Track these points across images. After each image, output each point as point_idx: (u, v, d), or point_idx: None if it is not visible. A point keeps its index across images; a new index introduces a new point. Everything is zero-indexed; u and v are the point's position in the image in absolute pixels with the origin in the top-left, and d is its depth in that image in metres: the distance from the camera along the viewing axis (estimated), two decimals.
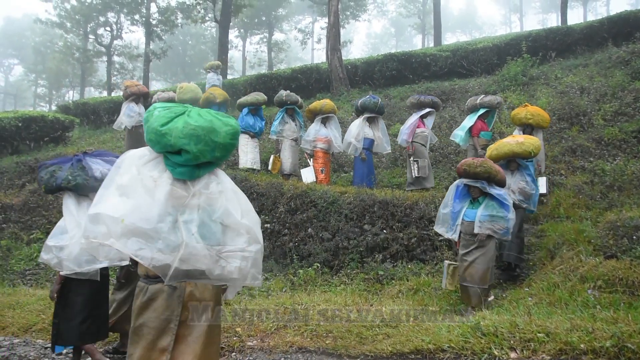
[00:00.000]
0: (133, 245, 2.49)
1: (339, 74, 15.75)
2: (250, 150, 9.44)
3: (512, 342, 3.73)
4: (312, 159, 8.98)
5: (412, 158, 8.44)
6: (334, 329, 4.66)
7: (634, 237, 5.78)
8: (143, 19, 28.40)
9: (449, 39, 59.75)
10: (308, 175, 8.77)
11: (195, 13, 27.02)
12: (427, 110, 8.76)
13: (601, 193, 7.79)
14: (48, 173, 4.05)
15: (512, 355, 3.61)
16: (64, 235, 3.87)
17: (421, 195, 7.74)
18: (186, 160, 2.60)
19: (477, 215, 5.49)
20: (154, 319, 2.63)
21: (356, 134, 8.60)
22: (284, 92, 9.44)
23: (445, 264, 5.82)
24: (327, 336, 4.55)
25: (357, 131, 8.62)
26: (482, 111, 8.36)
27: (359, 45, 73.61)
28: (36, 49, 46.63)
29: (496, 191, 5.46)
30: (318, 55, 51.31)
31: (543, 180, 7.51)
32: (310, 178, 8.70)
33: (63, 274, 3.89)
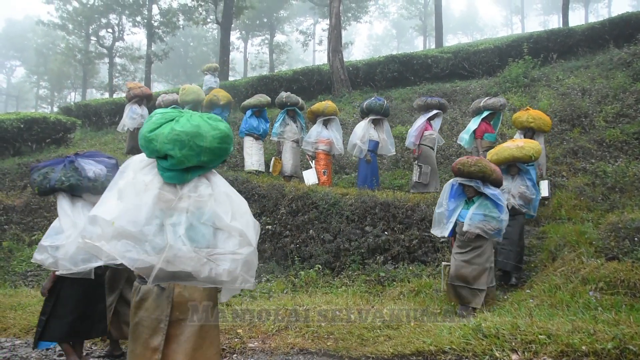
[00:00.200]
0: (121, 247, 2.54)
1: (341, 76, 15.75)
2: (255, 152, 9.46)
3: (514, 344, 3.73)
4: (314, 161, 8.99)
5: (417, 162, 8.45)
6: (335, 331, 4.66)
7: (636, 239, 5.78)
8: (145, 21, 28.44)
9: (450, 41, 59.74)
10: (310, 177, 8.77)
11: (196, 15, 27.07)
12: (435, 112, 8.78)
13: (603, 195, 7.79)
14: (41, 175, 4.03)
15: (514, 357, 3.61)
16: (60, 235, 3.87)
17: (422, 197, 7.73)
18: (172, 164, 2.64)
19: (469, 213, 5.39)
20: (146, 319, 2.69)
21: (361, 136, 8.61)
22: (284, 94, 9.45)
23: (442, 266, 5.76)
24: (329, 338, 4.55)
25: (363, 133, 8.63)
26: (486, 113, 8.38)
27: (361, 46, 73.87)
28: (38, 51, 46.68)
29: (490, 191, 5.36)
30: (319, 56, 51.50)
31: (545, 183, 7.49)
32: (312, 180, 8.70)
33: (59, 274, 3.88)
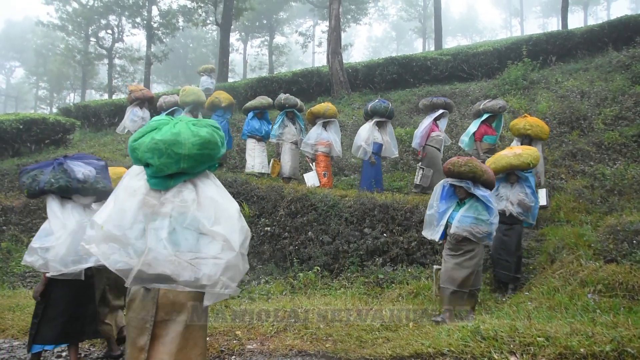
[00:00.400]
0: (108, 249, 2.67)
1: (340, 78, 15.77)
2: (257, 154, 9.45)
3: (512, 346, 3.73)
4: (315, 163, 8.99)
5: (420, 164, 8.47)
6: (334, 333, 4.66)
7: (634, 241, 5.79)
8: (144, 22, 28.41)
9: (450, 43, 59.84)
10: (311, 179, 8.78)
11: (196, 16, 27.09)
12: (440, 111, 8.81)
13: (601, 197, 7.80)
14: (30, 177, 4.01)
15: (512, 359, 3.61)
16: (50, 237, 3.86)
17: (421, 199, 7.74)
18: (153, 172, 2.75)
19: (458, 215, 5.24)
20: (133, 319, 2.78)
21: (366, 138, 8.63)
22: (283, 96, 9.47)
23: (434, 269, 5.61)
24: (327, 339, 4.55)
25: (368, 135, 8.65)
26: (486, 116, 8.41)
27: (360, 48, 73.93)
28: (37, 52, 46.64)
29: (481, 192, 5.20)
30: (319, 58, 51.49)
31: (543, 192, 7.43)
32: (314, 182, 8.71)
33: (49, 275, 3.88)
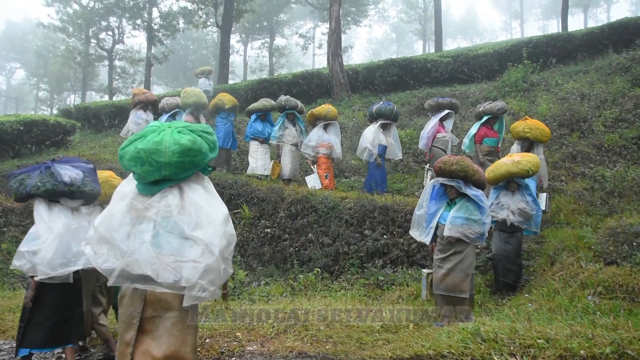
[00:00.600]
0: (98, 250, 2.81)
1: (340, 80, 15.79)
2: (260, 156, 9.47)
3: (512, 348, 3.73)
4: (316, 165, 9.00)
5: (428, 166, 8.49)
6: (334, 334, 4.66)
7: (634, 244, 5.78)
8: (145, 24, 28.43)
9: (450, 45, 59.92)
10: (313, 182, 8.78)
11: (196, 18, 27.12)
12: (446, 112, 8.82)
13: (601, 199, 7.81)
14: (17, 182, 4.02)
15: None
16: (37, 240, 3.87)
17: None
18: (137, 178, 2.90)
19: (449, 216, 5.14)
20: (123, 314, 2.90)
21: (372, 140, 8.65)
22: (283, 97, 9.48)
23: (423, 274, 5.52)
24: (327, 341, 4.55)
25: (373, 137, 8.67)
26: (485, 118, 8.41)
27: (360, 50, 74.01)
28: (38, 53, 46.69)
29: (472, 192, 5.11)
30: (319, 60, 51.58)
31: (543, 196, 7.38)
32: (315, 185, 8.71)
33: (37, 280, 3.88)
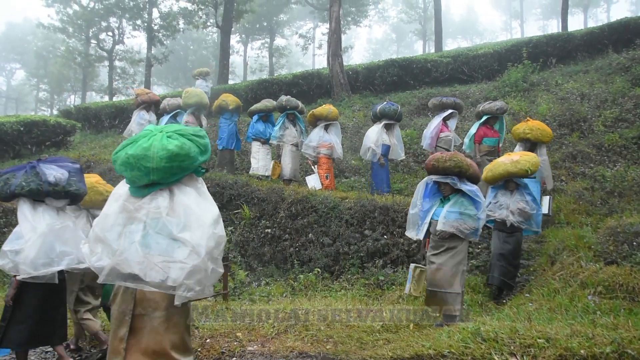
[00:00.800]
0: (95, 249, 2.92)
1: (340, 80, 15.80)
2: (261, 157, 9.49)
3: (513, 348, 3.73)
4: (317, 165, 9.01)
5: None
6: (335, 334, 4.67)
7: (634, 243, 5.79)
8: (145, 24, 28.45)
9: (450, 45, 59.90)
10: (313, 182, 8.78)
11: (196, 18, 27.13)
12: (450, 111, 8.81)
13: (601, 199, 7.81)
14: (2, 181, 4.04)
15: None
16: (20, 240, 3.88)
17: None
18: (127, 182, 3.02)
19: (443, 211, 5.06)
20: (115, 311, 2.98)
21: (375, 140, 8.65)
22: (284, 97, 9.48)
23: (411, 267, 5.43)
24: (328, 341, 4.56)
25: (377, 137, 8.67)
26: (485, 118, 8.41)
27: (360, 50, 73.98)
28: (38, 54, 46.70)
29: (467, 187, 5.03)
30: (319, 60, 51.55)
31: (546, 199, 7.31)
32: (316, 185, 8.71)
33: (19, 279, 3.88)
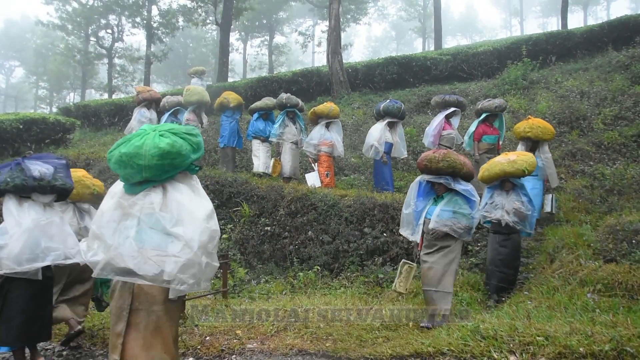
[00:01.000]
0: (92, 245, 3.00)
1: (340, 77, 15.78)
2: (261, 155, 9.51)
3: (512, 346, 3.74)
4: (317, 163, 9.00)
5: None
6: (334, 332, 4.68)
7: (634, 241, 5.80)
8: (144, 22, 28.39)
9: (450, 43, 59.83)
10: (312, 180, 8.78)
11: (196, 16, 27.07)
12: (452, 109, 8.78)
13: (601, 197, 7.81)
14: None
15: (512, 358, 3.62)
16: (5, 235, 3.91)
17: None
18: (121, 180, 3.11)
19: (436, 210, 5.00)
20: (113, 307, 3.03)
21: (378, 138, 8.63)
22: (285, 95, 9.47)
23: (401, 263, 5.42)
24: (327, 339, 4.57)
25: (380, 135, 8.66)
26: (484, 116, 8.40)
27: (360, 48, 73.92)
28: (37, 51, 46.66)
29: (462, 186, 4.99)
30: (319, 58, 51.53)
31: (549, 197, 7.30)
32: (315, 183, 8.71)
33: (1, 273, 3.90)
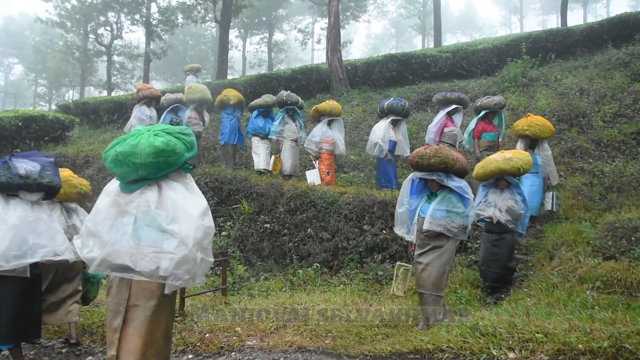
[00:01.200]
0: (87, 242, 3.05)
1: (339, 75, 15.76)
2: (261, 152, 9.51)
3: (511, 342, 3.75)
4: (318, 161, 9.00)
5: None
6: (334, 329, 4.68)
7: (633, 239, 5.80)
8: (143, 19, 28.33)
9: (449, 40, 59.73)
10: (312, 177, 8.78)
11: (195, 13, 27.00)
12: (454, 106, 8.76)
13: (600, 194, 7.82)
14: None
15: (511, 355, 3.63)
16: None
17: None
18: (118, 178, 3.15)
19: (430, 208, 4.83)
20: (110, 303, 3.08)
21: (382, 136, 8.62)
22: (285, 93, 9.45)
23: (396, 266, 5.35)
24: (327, 336, 4.57)
25: (384, 133, 8.64)
26: (483, 113, 8.38)
27: (359, 45, 73.67)
28: (36, 49, 46.53)
29: (455, 183, 4.81)
30: (318, 55, 51.33)
31: (549, 195, 7.29)
32: (315, 180, 8.71)
33: None
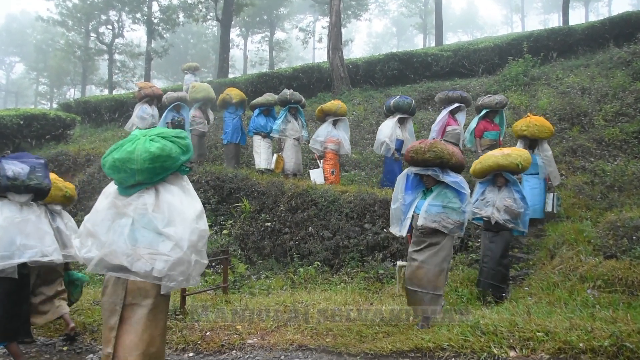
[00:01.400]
0: (85, 242, 3.11)
1: (340, 73, 15.75)
2: (263, 151, 9.51)
3: (512, 341, 3.75)
4: (322, 160, 8.99)
5: None
6: (334, 327, 4.68)
7: (634, 238, 5.80)
8: (145, 18, 28.34)
9: (451, 39, 59.68)
10: (317, 176, 8.77)
11: (196, 12, 27.03)
12: (456, 105, 8.73)
13: (601, 193, 7.81)
14: None
15: (512, 353, 3.63)
16: None
17: None
18: (116, 184, 3.22)
19: (425, 204, 4.72)
20: (106, 302, 3.12)
21: (390, 134, 8.59)
22: (288, 91, 9.43)
23: (397, 266, 5.26)
24: (327, 334, 4.57)
25: (391, 132, 8.61)
26: (484, 112, 8.36)
27: (360, 44, 73.62)
28: (38, 47, 46.59)
29: (451, 178, 4.69)
30: (319, 54, 51.31)
31: (550, 196, 7.27)
32: (319, 179, 8.70)
33: None
